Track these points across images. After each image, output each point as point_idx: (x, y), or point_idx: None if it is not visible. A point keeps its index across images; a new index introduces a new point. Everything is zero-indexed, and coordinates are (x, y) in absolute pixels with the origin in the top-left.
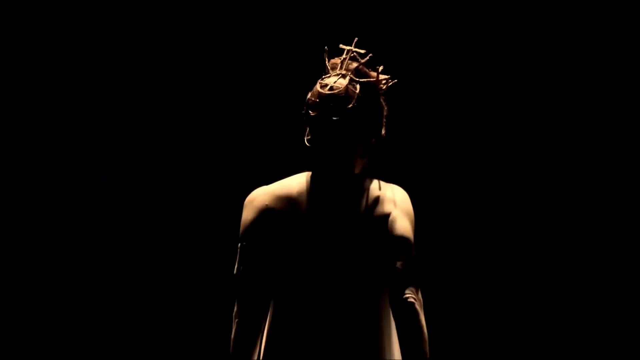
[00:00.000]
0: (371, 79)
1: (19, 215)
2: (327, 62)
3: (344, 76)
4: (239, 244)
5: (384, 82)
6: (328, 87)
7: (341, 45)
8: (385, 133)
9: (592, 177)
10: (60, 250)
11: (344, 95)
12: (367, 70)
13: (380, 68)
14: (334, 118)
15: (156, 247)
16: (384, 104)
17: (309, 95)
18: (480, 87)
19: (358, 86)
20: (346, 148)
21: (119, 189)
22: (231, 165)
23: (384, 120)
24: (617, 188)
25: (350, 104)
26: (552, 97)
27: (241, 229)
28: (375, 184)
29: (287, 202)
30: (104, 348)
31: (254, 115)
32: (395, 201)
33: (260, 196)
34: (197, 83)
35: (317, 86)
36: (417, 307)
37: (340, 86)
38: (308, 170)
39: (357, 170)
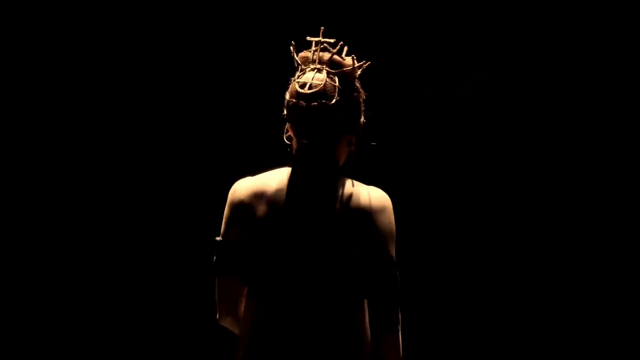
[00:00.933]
0: (348, 68)
1: (19, 215)
2: (295, 56)
3: (319, 70)
4: (216, 238)
5: (358, 67)
6: (307, 85)
7: (308, 38)
8: (364, 118)
9: (592, 177)
10: (60, 250)
11: (325, 91)
12: (341, 59)
13: (345, 52)
14: (318, 116)
15: (156, 247)
16: (360, 89)
17: (287, 96)
18: (480, 87)
19: (336, 78)
20: (331, 142)
21: (119, 189)
22: (231, 165)
23: (363, 105)
24: (617, 188)
25: (333, 99)
26: (552, 97)
27: (222, 223)
28: (353, 187)
29: (264, 199)
30: (104, 348)
31: (254, 116)
32: (372, 209)
33: (239, 190)
34: (197, 83)
35: (295, 85)
36: (396, 339)
37: (319, 82)
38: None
39: (342, 160)
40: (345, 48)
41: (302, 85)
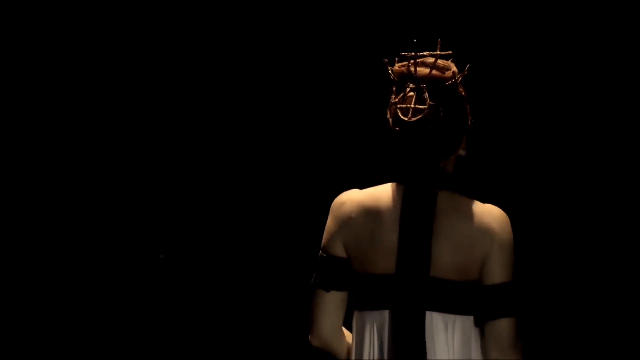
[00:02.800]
0: (450, 81)
1: (19, 215)
2: (390, 71)
3: (420, 91)
4: (319, 252)
5: (460, 76)
6: (410, 112)
7: (403, 53)
8: (472, 119)
9: (591, 176)
10: (60, 250)
11: (430, 115)
12: (440, 73)
13: (438, 47)
14: (427, 142)
15: (156, 248)
16: (463, 92)
17: (390, 121)
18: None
19: (439, 94)
20: (443, 159)
21: (122, 188)
22: (232, 165)
23: (468, 106)
24: (617, 188)
25: (440, 121)
26: (551, 97)
27: (323, 236)
28: (470, 206)
29: (374, 214)
30: (104, 348)
31: (255, 116)
32: (492, 231)
33: (347, 204)
34: (196, 84)
35: (398, 112)
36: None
37: (423, 107)
38: (394, 181)
39: (451, 167)
40: (439, 43)
41: (405, 112)
